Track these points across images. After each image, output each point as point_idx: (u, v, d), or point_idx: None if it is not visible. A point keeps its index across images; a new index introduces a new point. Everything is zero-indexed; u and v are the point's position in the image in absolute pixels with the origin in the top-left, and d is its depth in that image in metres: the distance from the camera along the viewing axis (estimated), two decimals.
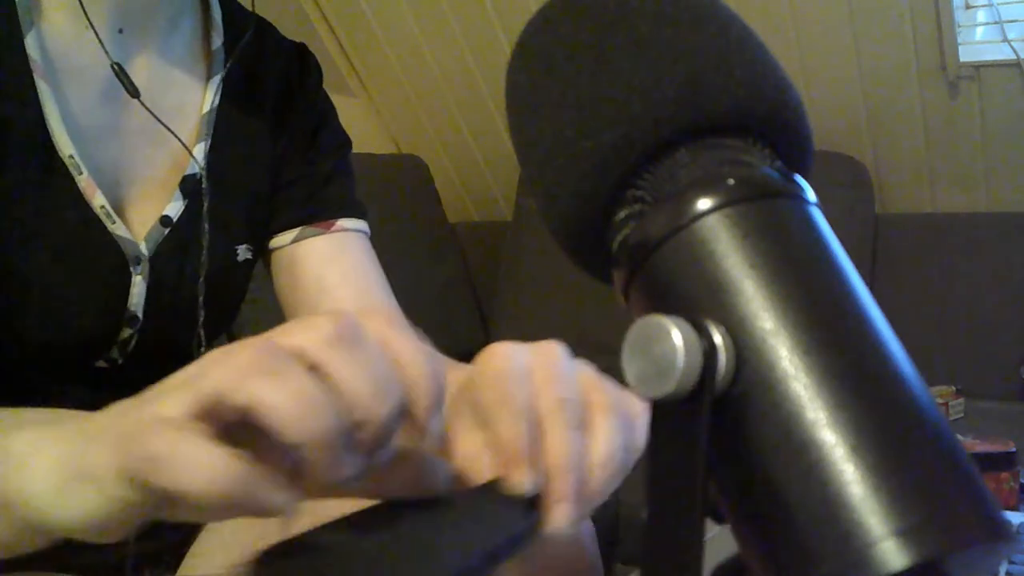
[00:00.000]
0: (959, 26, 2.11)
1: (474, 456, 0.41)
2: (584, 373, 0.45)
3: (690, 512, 0.28)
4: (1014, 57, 2.09)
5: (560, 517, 0.40)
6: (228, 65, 0.82)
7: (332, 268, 0.84)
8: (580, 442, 0.41)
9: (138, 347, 0.77)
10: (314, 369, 0.34)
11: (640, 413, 0.46)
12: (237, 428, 0.34)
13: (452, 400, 0.43)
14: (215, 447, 0.33)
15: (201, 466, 0.32)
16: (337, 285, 0.83)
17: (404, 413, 0.36)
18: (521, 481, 0.39)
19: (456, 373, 0.46)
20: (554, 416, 0.41)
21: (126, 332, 0.76)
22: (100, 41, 0.71)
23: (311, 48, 0.92)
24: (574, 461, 0.41)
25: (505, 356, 0.43)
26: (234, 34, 0.83)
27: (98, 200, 0.73)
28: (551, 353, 0.45)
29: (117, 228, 0.74)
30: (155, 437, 0.33)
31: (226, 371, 0.34)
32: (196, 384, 0.34)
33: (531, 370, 0.43)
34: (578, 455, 0.41)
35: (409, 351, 0.37)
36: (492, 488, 0.40)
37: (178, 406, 0.34)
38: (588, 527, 0.72)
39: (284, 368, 0.34)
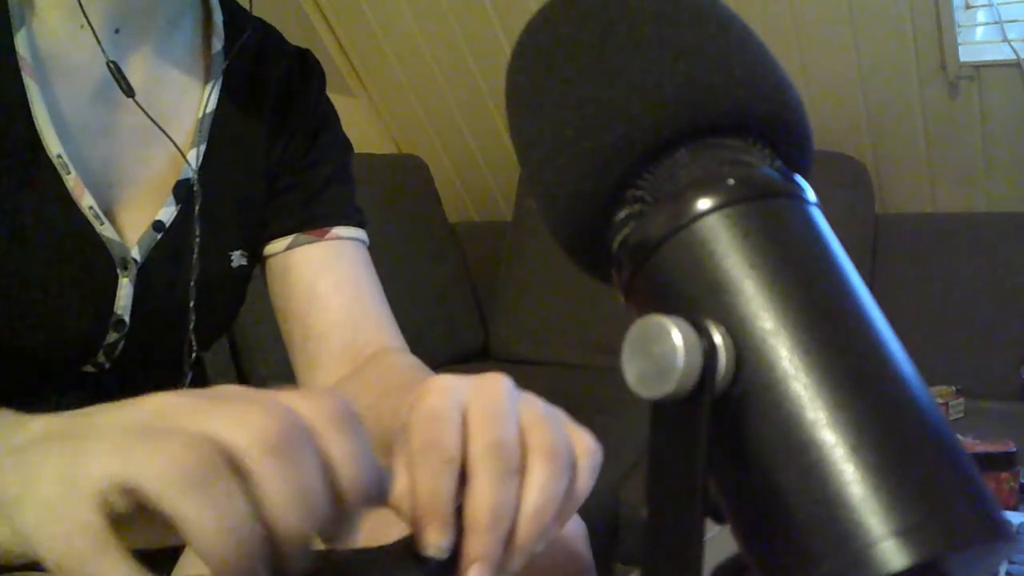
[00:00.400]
0: (959, 26, 2.11)
1: (398, 504, 0.40)
2: (527, 411, 0.43)
3: (690, 512, 0.28)
4: (1014, 57, 2.09)
5: None
6: (226, 65, 0.81)
7: (324, 277, 0.83)
8: (510, 492, 0.39)
9: (125, 352, 0.76)
10: (243, 473, 0.32)
11: (588, 453, 0.44)
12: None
13: (395, 438, 0.41)
14: (124, 561, 0.31)
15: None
16: (328, 294, 0.83)
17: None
18: (432, 542, 0.38)
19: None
20: (483, 463, 0.39)
21: (112, 336, 0.75)
22: (98, 40, 0.71)
23: (311, 48, 0.92)
24: (497, 516, 0.39)
25: (440, 393, 0.41)
26: (235, 38, 0.83)
27: (86, 201, 0.72)
28: (492, 389, 0.43)
29: (106, 230, 0.73)
30: (73, 538, 0.31)
31: (156, 464, 0.31)
32: (125, 463, 0.32)
33: (467, 409, 0.41)
34: (504, 507, 0.39)
35: (343, 453, 0.35)
36: (406, 545, 0.38)
37: (97, 487, 0.32)
38: (581, 528, 0.71)
39: (214, 481, 0.31)
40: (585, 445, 0.44)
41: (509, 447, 0.40)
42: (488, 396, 0.42)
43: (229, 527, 0.31)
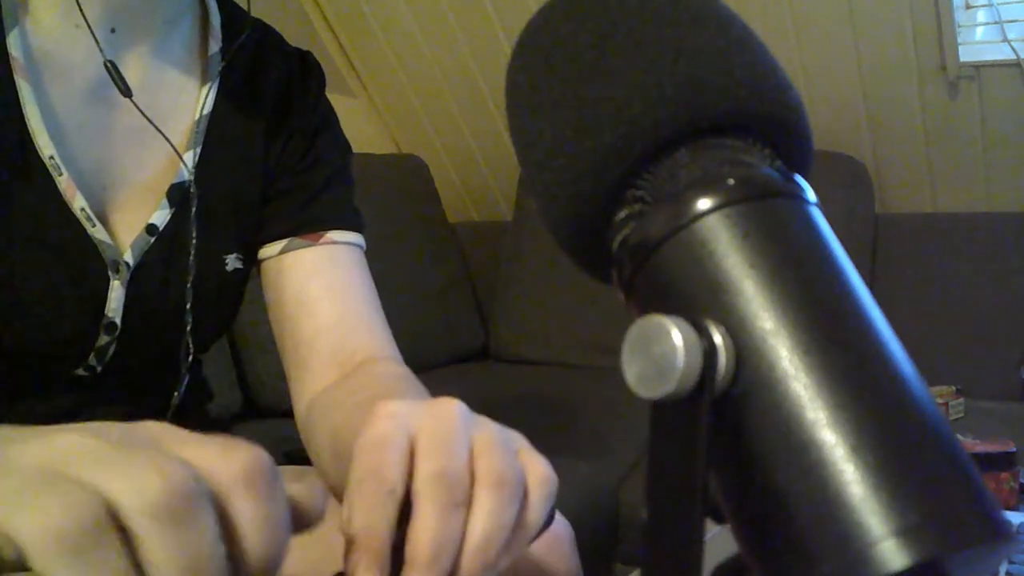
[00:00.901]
0: (959, 26, 2.11)
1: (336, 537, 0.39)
2: (480, 438, 0.42)
3: (690, 512, 0.28)
4: (1014, 57, 2.09)
5: None
6: (223, 67, 0.81)
7: (315, 281, 0.82)
8: (454, 524, 0.38)
9: (117, 356, 0.76)
10: (130, 535, 0.31)
11: (541, 483, 0.43)
12: None
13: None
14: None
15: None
16: (317, 299, 0.82)
17: None
18: None
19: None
20: (426, 493, 0.38)
21: (103, 339, 0.75)
22: (96, 40, 0.71)
23: (311, 49, 0.92)
24: (439, 550, 0.38)
25: (387, 420, 0.40)
26: (232, 39, 0.82)
27: (78, 202, 0.71)
28: (442, 416, 0.42)
29: (97, 232, 0.72)
30: None
31: (36, 522, 0.30)
32: (10, 516, 0.30)
33: (415, 436, 0.40)
34: (447, 541, 0.38)
35: (248, 519, 0.34)
36: None
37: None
38: (567, 530, 0.71)
39: (90, 547, 0.30)
40: (540, 473, 0.43)
41: (455, 476, 0.39)
42: (437, 423, 0.41)
43: (210, 550, 0.31)
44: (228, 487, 0.33)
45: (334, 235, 0.84)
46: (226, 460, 0.34)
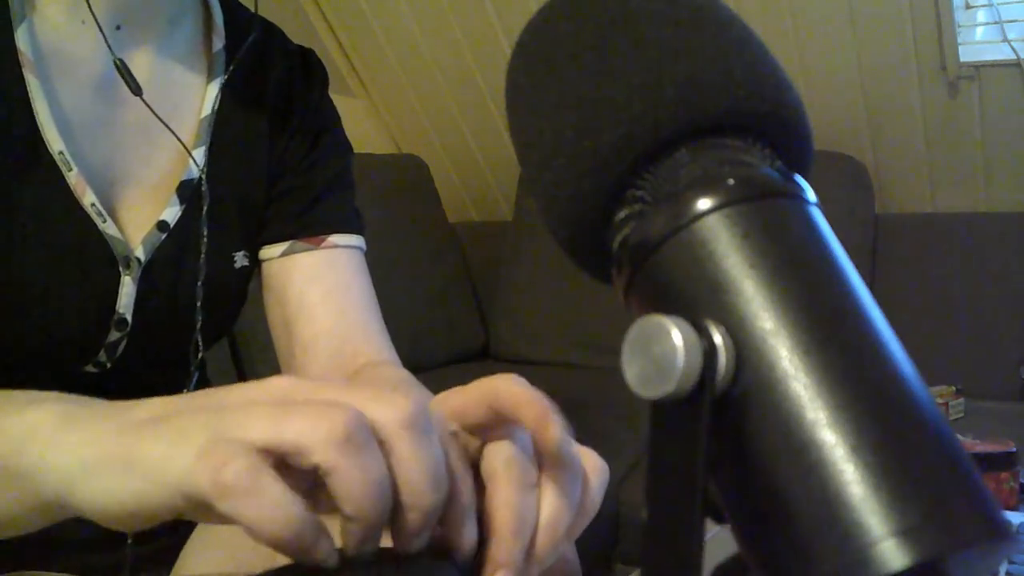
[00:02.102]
0: (959, 26, 2.11)
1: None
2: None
3: (690, 512, 0.28)
4: (1014, 57, 2.09)
5: None
6: (231, 68, 0.81)
7: (315, 286, 0.83)
8: (530, 500, 0.40)
9: (127, 352, 0.76)
10: (384, 446, 0.35)
11: (598, 471, 0.45)
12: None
13: None
14: (290, 492, 0.33)
15: (277, 508, 0.33)
16: (317, 304, 0.82)
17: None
18: (461, 544, 0.39)
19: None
20: (502, 472, 0.40)
21: (114, 335, 0.75)
22: (104, 36, 0.71)
23: (312, 49, 0.92)
24: (521, 523, 0.40)
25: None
26: (236, 37, 0.83)
27: (88, 198, 0.71)
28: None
29: (108, 227, 0.73)
30: (235, 466, 0.33)
31: (312, 429, 0.34)
32: (281, 426, 0.34)
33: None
34: (528, 515, 0.40)
35: (413, 461, 0.37)
36: (427, 548, 0.38)
37: (259, 439, 0.34)
38: None
39: (366, 446, 0.35)
40: (596, 462, 0.46)
41: (525, 460, 0.41)
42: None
43: (376, 493, 0.34)
44: (392, 432, 0.36)
45: (336, 239, 0.84)
46: (390, 407, 0.37)
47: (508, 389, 0.41)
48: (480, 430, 0.42)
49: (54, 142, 0.70)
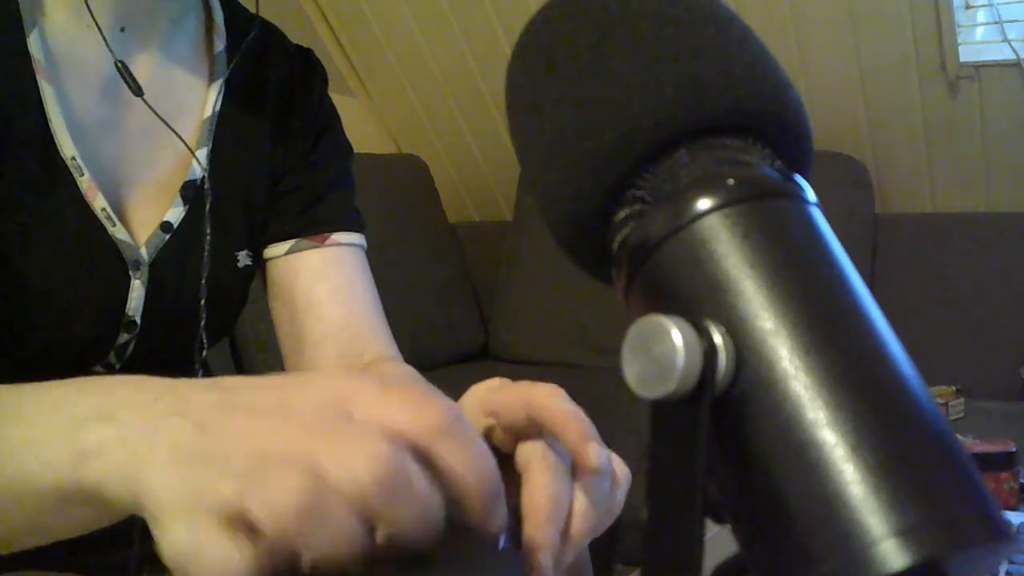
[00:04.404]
0: (959, 26, 2.11)
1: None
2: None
3: (690, 512, 0.28)
4: (1014, 57, 2.09)
5: (543, 565, 0.40)
6: (231, 68, 0.82)
7: (322, 284, 0.84)
8: (565, 486, 0.42)
9: (136, 353, 0.77)
10: (424, 456, 0.36)
11: (625, 476, 0.47)
12: None
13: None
14: (357, 522, 0.34)
15: (344, 539, 0.33)
16: (324, 302, 0.83)
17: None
18: (495, 525, 0.39)
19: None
20: (538, 461, 0.42)
21: (124, 337, 0.75)
22: (104, 39, 0.71)
23: (311, 48, 0.92)
24: (557, 507, 0.41)
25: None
26: (237, 37, 0.83)
27: (99, 202, 0.72)
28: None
29: (118, 231, 0.73)
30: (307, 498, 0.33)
31: (356, 466, 0.34)
32: (320, 457, 0.34)
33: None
34: (563, 500, 0.42)
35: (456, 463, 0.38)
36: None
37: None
38: None
39: (411, 476, 0.35)
40: (621, 465, 0.48)
41: (558, 452, 0.43)
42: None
43: (427, 519, 0.35)
44: (430, 439, 0.37)
45: (339, 237, 0.85)
46: (425, 413, 0.37)
47: (551, 408, 0.42)
48: (512, 429, 0.43)
49: (67, 148, 0.70)
